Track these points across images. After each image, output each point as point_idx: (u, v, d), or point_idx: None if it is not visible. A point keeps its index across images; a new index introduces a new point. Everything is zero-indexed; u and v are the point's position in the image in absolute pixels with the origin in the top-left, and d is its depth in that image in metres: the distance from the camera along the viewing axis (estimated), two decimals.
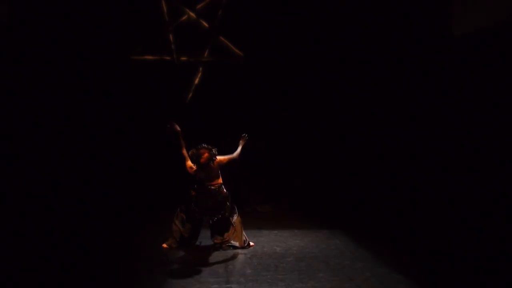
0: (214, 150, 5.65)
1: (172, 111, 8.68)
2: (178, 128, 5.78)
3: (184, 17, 8.67)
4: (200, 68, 8.74)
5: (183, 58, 8.70)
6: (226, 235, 5.86)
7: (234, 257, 5.49)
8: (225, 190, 5.81)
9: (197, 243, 5.95)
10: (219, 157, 5.71)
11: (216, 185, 5.74)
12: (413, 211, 7.48)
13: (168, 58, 8.68)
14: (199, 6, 8.65)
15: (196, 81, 8.74)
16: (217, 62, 8.71)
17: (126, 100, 8.58)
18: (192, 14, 8.66)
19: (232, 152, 5.90)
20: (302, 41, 8.74)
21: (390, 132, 8.40)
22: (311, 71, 8.79)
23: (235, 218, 5.87)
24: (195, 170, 5.67)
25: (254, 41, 8.59)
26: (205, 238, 6.16)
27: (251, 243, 5.95)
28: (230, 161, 5.83)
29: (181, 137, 5.79)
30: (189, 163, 5.70)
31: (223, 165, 5.79)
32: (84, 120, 8.30)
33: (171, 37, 8.63)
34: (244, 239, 5.90)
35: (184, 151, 5.76)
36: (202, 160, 5.54)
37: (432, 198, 7.38)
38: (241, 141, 6.06)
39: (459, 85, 7.16)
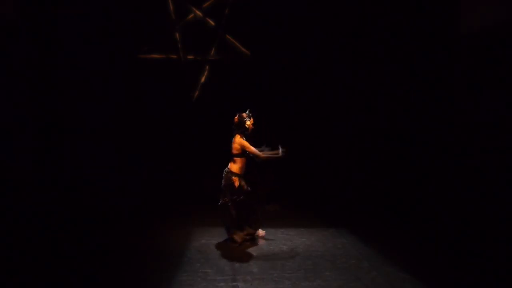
0: (246, 118, 5.81)
1: (179, 109, 8.75)
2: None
3: (191, 16, 8.69)
4: (207, 67, 8.75)
5: (190, 57, 8.72)
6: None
7: (240, 255, 5.50)
8: (233, 178, 5.78)
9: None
10: (244, 143, 5.76)
11: (228, 169, 5.83)
12: (419, 210, 7.45)
13: (174, 56, 8.70)
14: (205, 4, 8.67)
15: (203, 79, 8.75)
16: (223, 61, 8.72)
17: (132, 99, 8.62)
18: (198, 12, 8.67)
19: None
20: (307, 40, 8.73)
21: (393, 131, 8.38)
22: (316, 70, 8.79)
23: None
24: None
25: (261, 39, 8.59)
26: (212, 237, 6.20)
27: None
28: (252, 154, 5.79)
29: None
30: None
31: (244, 152, 5.79)
32: (88, 119, 8.34)
33: (177, 35, 8.65)
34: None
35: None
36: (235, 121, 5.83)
37: (437, 197, 7.36)
38: (278, 151, 5.82)
39: (459, 86, 7.15)
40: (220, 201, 5.89)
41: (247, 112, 5.93)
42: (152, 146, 8.69)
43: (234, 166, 5.81)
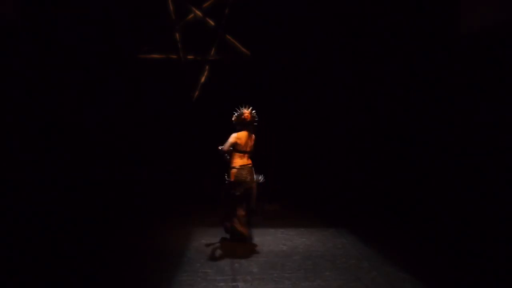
0: (240, 111, 6.02)
1: (179, 109, 8.75)
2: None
3: (191, 16, 8.68)
4: (207, 67, 8.75)
5: (190, 57, 8.72)
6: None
7: (240, 255, 5.50)
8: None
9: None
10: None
11: (251, 166, 5.98)
12: (419, 210, 7.45)
13: (174, 56, 8.70)
14: (205, 4, 8.66)
15: (203, 79, 8.75)
16: (223, 61, 8.72)
17: (132, 99, 8.61)
18: (198, 12, 8.66)
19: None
20: (307, 40, 8.72)
21: (393, 131, 8.37)
22: (316, 70, 8.78)
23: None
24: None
25: (261, 39, 8.59)
26: (212, 237, 6.21)
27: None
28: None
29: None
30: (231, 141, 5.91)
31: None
32: (88, 119, 8.33)
33: (177, 35, 8.65)
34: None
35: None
36: (244, 117, 5.95)
37: (437, 197, 7.35)
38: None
39: (459, 86, 7.15)
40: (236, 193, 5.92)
41: (239, 111, 6.06)
42: (152, 146, 8.68)
43: (251, 162, 6.00)
